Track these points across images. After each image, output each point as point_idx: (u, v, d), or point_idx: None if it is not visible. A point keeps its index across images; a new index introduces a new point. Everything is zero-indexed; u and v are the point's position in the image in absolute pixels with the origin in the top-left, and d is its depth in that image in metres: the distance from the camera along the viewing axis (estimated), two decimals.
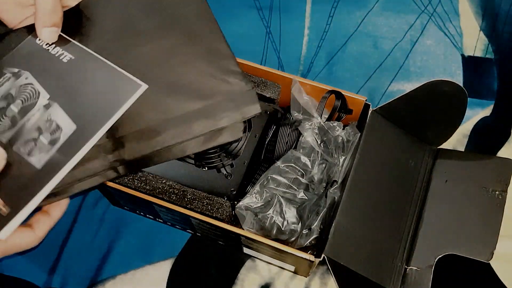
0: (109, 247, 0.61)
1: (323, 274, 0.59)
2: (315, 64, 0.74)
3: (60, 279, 0.59)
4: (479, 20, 0.77)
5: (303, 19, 0.77)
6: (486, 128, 0.69)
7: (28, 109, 0.38)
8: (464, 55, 0.74)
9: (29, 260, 0.60)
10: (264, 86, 0.59)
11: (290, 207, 0.52)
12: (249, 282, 0.59)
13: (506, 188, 0.53)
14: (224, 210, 0.52)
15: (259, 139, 0.57)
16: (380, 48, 0.75)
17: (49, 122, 0.37)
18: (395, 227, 0.54)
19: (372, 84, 0.72)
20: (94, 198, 0.64)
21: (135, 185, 0.52)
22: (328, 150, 0.56)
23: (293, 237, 0.52)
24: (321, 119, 0.56)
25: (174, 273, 0.59)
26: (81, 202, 0.64)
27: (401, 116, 0.56)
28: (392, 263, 0.53)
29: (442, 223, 0.55)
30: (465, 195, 0.55)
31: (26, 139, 0.37)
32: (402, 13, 0.77)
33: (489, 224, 0.52)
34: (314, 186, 0.55)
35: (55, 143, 0.36)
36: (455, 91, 0.53)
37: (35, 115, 0.38)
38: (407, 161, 0.58)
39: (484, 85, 0.72)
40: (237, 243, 0.55)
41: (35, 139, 0.37)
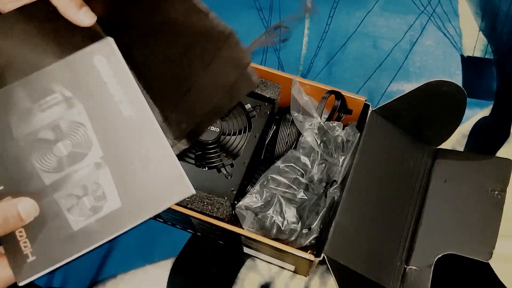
0: (110, 246, 0.61)
1: (323, 273, 0.59)
2: (315, 64, 0.74)
3: (61, 278, 0.59)
4: (478, 20, 0.77)
5: (303, 20, 0.77)
6: (485, 128, 0.69)
7: (77, 158, 0.36)
8: (463, 56, 0.74)
9: None
10: (264, 86, 0.59)
11: (290, 207, 0.53)
12: (249, 282, 0.59)
13: (505, 188, 0.54)
14: (224, 210, 0.52)
15: (259, 139, 0.57)
16: (379, 48, 0.75)
17: (96, 186, 0.36)
18: (394, 227, 0.55)
19: (371, 84, 0.72)
20: None
21: None
22: (328, 150, 0.56)
23: (293, 237, 0.53)
24: (321, 119, 0.56)
25: (175, 272, 0.59)
26: None
27: (400, 116, 0.56)
28: (391, 262, 0.53)
29: (442, 223, 0.55)
30: (464, 195, 0.55)
31: (69, 193, 0.35)
32: (402, 14, 0.78)
33: (488, 224, 0.52)
34: (314, 186, 0.55)
35: (97, 212, 0.35)
36: (454, 91, 0.53)
37: (84, 170, 0.36)
38: (407, 161, 0.58)
39: (484, 86, 0.72)
40: (237, 243, 0.55)
41: (78, 196, 0.36)
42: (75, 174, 0.36)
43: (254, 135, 0.57)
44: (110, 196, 0.36)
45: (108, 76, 0.37)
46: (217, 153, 0.56)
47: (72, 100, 0.37)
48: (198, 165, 0.55)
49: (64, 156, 0.36)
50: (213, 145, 0.56)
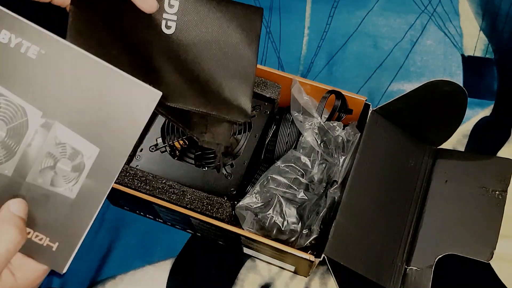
0: (109, 247, 0.61)
1: (323, 274, 0.59)
2: (315, 64, 0.74)
3: (60, 279, 0.59)
4: (479, 20, 0.77)
5: (303, 19, 0.77)
6: (486, 128, 0.69)
7: (20, 133, 0.31)
8: (464, 55, 0.74)
9: None
10: (264, 86, 0.59)
11: (290, 207, 0.52)
12: (249, 282, 0.59)
13: (506, 188, 0.53)
14: (224, 210, 0.52)
15: (259, 139, 0.57)
16: (380, 48, 0.75)
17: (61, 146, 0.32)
18: (395, 227, 0.54)
19: (372, 84, 0.72)
20: None
21: (135, 185, 0.52)
22: (328, 150, 0.56)
23: (293, 237, 0.52)
24: (321, 119, 0.56)
25: (174, 273, 0.59)
26: None
27: (401, 116, 0.56)
28: (392, 263, 0.53)
29: (442, 223, 0.55)
30: (465, 195, 0.55)
31: (40, 169, 0.32)
32: (402, 13, 0.77)
33: (489, 224, 0.52)
34: (314, 186, 0.55)
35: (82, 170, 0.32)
36: (455, 91, 0.53)
37: (35, 139, 0.32)
38: (407, 161, 0.58)
39: (484, 85, 0.72)
40: (237, 243, 0.55)
41: (51, 167, 0.32)
42: (30, 148, 0.32)
43: (254, 135, 0.57)
44: (82, 147, 0.32)
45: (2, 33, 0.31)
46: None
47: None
48: (198, 165, 0.55)
49: (4, 138, 0.32)
50: None
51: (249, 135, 0.57)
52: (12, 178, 0.32)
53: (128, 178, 0.52)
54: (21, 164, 0.32)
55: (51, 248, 0.32)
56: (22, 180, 0.32)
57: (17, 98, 0.31)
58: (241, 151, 0.56)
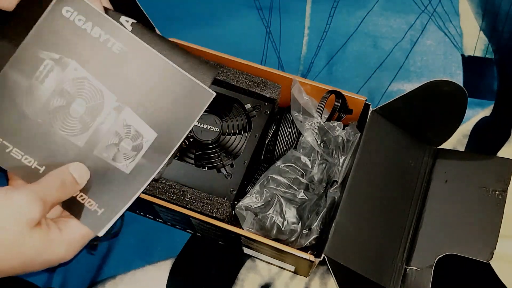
0: (110, 247, 0.61)
1: (323, 274, 0.59)
2: (315, 64, 0.74)
3: (60, 279, 0.59)
4: (479, 20, 0.77)
5: (303, 19, 0.77)
6: (486, 128, 0.69)
7: (96, 111, 0.37)
8: (464, 55, 0.74)
9: None
10: (264, 86, 0.59)
11: (290, 207, 0.52)
12: (249, 282, 0.59)
13: (506, 188, 0.53)
14: (224, 210, 0.52)
15: (259, 139, 0.57)
16: (380, 48, 0.75)
17: (126, 128, 0.37)
18: (395, 227, 0.54)
19: (372, 84, 0.72)
20: None
21: None
22: (328, 150, 0.56)
23: (293, 237, 0.52)
24: (321, 119, 0.56)
25: (174, 273, 0.59)
26: None
27: (401, 116, 0.56)
28: (392, 263, 0.53)
29: (442, 223, 0.55)
30: (465, 195, 0.55)
31: (106, 144, 0.37)
32: (402, 13, 0.77)
33: (489, 224, 0.52)
34: (314, 186, 0.55)
35: (140, 150, 0.37)
36: (455, 91, 0.53)
37: (108, 118, 0.37)
38: (407, 161, 0.58)
39: (484, 85, 0.72)
40: (237, 243, 0.55)
41: (116, 144, 0.37)
42: (102, 126, 0.37)
43: (254, 135, 0.57)
44: (144, 131, 0.37)
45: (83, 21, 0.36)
46: (217, 153, 0.56)
47: (63, 59, 0.37)
48: (198, 165, 0.55)
49: (83, 114, 0.37)
50: (213, 145, 0.56)
51: (249, 135, 0.57)
52: (83, 149, 0.37)
53: None
54: (92, 138, 0.37)
55: (96, 213, 0.36)
56: (90, 152, 0.37)
57: (98, 83, 0.36)
58: (241, 151, 0.56)
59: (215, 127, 0.56)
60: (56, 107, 0.37)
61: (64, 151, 0.37)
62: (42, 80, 0.36)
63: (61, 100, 0.37)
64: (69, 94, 0.37)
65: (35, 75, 0.36)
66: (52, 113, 0.37)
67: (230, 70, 0.59)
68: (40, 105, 0.36)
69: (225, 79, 0.59)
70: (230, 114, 0.58)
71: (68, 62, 0.37)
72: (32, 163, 0.36)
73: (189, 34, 0.75)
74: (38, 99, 0.36)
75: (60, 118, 0.37)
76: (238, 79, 0.59)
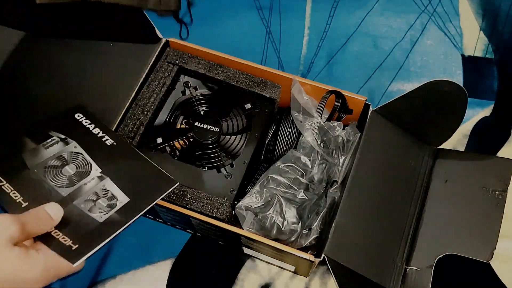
0: (109, 247, 0.61)
1: (323, 274, 0.59)
2: (315, 64, 0.74)
3: (60, 279, 0.59)
4: (479, 20, 0.77)
5: (303, 19, 0.77)
6: (486, 128, 0.69)
7: (83, 175, 0.47)
8: (464, 55, 0.74)
9: None
10: (264, 86, 0.59)
11: (290, 207, 0.52)
12: (249, 282, 0.59)
13: (506, 188, 0.53)
14: (224, 210, 0.52)
15: (259, 139, 0.57)
16: (380, 48, 0.75)
17: (105, 191, 0.46)
18: (395, 227, 0.54)
19: (372, 84, 0.72)
20: None
21: None
22: (328, 150, 0.56)
23: (293, 237, 0.52)
24: (321, 119, 0.56)
25: (174, 273, 0.59)
26: None
27: (401, 116, 0.56)
28: (392, 263, 0.53)
29: (442, 223, 0.55)
30: (465, 195, 0.55)
31: (85, 199, 0.45)
32: (402, 13, 0.77)
33: (489, 224, 0.52)
34: (314, 186, 0.55)
35: (113, 207, 0.45)
36: (455, 91, 0.53)
37: (91, 182, 0.47)
38: (407, 161, 0.58)
39: (484, 85, 0.72)
40: (237, 243, 0.55)
41: (94, 200, 0.46)
42: (85, 186, 0.47)
43: (254, 135, 0.57)
44: (118, 195, 0.46)
45: (88, 123, 0.52)
46: (217, 153, 0.56)
47: (67, 139, 0.50)
48: (198, 165, 0.55)
49: (72, 175, 0.47)
50: (213, 145, 0.56)
51: (249, 135, 0.57)
52: (65, 198, 0.45)
53: None
54: (75, 192, 0.46)
55: (71, 248, 0.41)
56: (70, 202, 0.45)
57: (89, 158, 0.49)
58: (241, 151, 0.56)
59: (215, 127, 0.56)
60: (52, 165, 0.47)
61: (48, 195, 0.45)
62: (47, 147, 0.49)
63: (57, 162, 0.48)
64: (65, 160, 0.48)
65: (42, 143, 0.49)
66: (47, 168, 0.47)
67: (230, 70, 0.59)
68: (39, 161, 0.47)
69: (225, 79, 0.59)
70: (230, 114, 0.58)
71: (70, 141, 0.50)
72: (18, 198, 0.44)
73: (189, 34, 0.75)
74: (39, 158, 0.47)
75: (52, 173, 0.47)
76: (238, 79, 0.59)
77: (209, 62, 0.60)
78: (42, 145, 0.49)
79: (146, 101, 0.57)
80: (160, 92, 0.57)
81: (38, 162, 0.47)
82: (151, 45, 0.60)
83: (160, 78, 0.58)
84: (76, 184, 0.46)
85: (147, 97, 0.57)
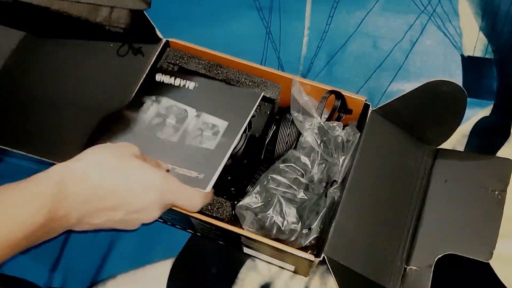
0: (110, 246, 0.61)
1: (323, 273, 0.59)
2: (315, 64, 0.74)
3: (60, 278, 0.59)
4: (478, 20, 0.77)
5: (303, 19, 0.77)
6: (486, 128, 0.69)
7: (183, 120, 0.54)
8: (463, 55, 0.74)
9: (30, 259, 0.60)
10: (264, 86, 0.59)
11: (290, 207, 0.52)
12: (249, 282, 0.59)
13: (505, 188, 0.54)
14: (224, 210, 0.52)
15: (259, 139, 0.57)
16: (379, 48, 0.75)
17: (205, 124, 0.53)
18: (395, 227, 0.54)
19: (372, 84, 0.72)
20: None
21: None
22: (328, 150, 0.56)
23: (293, 237, 0.52)
24: (321, 119, 0.56)
25: (174, 272, 0.59)
26: None
27: (401, 116, 0.56)
28: (392, 262, 0.53)
29: (442, 223, 0.55)
30: (464, 195, 0.55)
31: (193, 136, 0.52)
32: (402, 13, 0.77)
33: (488, 224, 0.52)
34: (314, 186, 0.55)
35: (218, 133, 0.52)
36: (454, 91, 0.53)
37: (191, 122, 0.54)
38: (407, 161, 0.58)
39: (484, 85, 0.72)
40: (237, 243, 0.55)
41: (200, 134, 0.52)
42: (188, 127, 0.53)
43: (254, 135, 0.57)
44: (218, 123, 0.53)
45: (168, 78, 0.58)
46: None
47: (158, 98, 0.56)
48: None
49: (174, 124, 0.54)
50: None
51: (249, 135, 0.57)
52: (177, 142, 0.52)
53: None
54: (183, 135, 0.53)
55: (197, 178, 0.48)
56: (183, 143, 0.52)
57: (182, 105, 0.55)
58: (241, 151, 0.56)
59: None
60: (156, 123, 0.54)
61: (163, 146, 0.52)
62: (145, 111, 0.55)
63: (159, 119, 0.54)
64: (164, 115, 0.55)
65: (141, 109, 0.55)
66: (154, 127, 0.54)
67: (230, 70, 0.59)
68: (145, 125, 0.54)
69: (225, 79, 0.59)
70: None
71: (161, 99, 0.56)
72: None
73: (189, 34, 0.75)
74: (145, 122, 0.54)
75: (159, 128, 0.53)
76: (238, 79, 0.59)
77: (209, 62, 0.60)
78: (141, 111, 0.55)
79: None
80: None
81: (146, 125, 0.54)
82: (151, 45, 0.60)
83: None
84: (180, 129, 0.53)
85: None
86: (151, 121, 0.54)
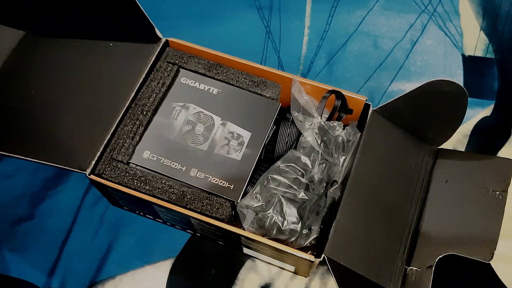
0: (109, 247, 0.61)
1: (323, 274, 0.59)
2: (315, 64, 0.74)
3: (59, 279, 0.59)
4: (479, 19, 0.77)
5: (303, 19, 0.77)
6: (487, 128, 0.69)
7: (210, 128, 0.56)
8: (464, 55, 0.74)
9: (29, 260, 0.60)
10: (264, 86, 0.59)
11: (290, 206, 0.52)
12: (249, 282, 0.59)
13: (506, 188, 0.53)
14: (224, 210, 0.52)
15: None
16: (380, 48, 0.75)
17: (231, 133, 0.55)
18: (395, 227, 0.54)
19: (372, 84, 0.72)
20: (94, 198, 0.64)
21: (134, 185, 0.52)
22: (328, 150, 0.56)
23: (293, 237, 0.52)
24: (321, 119, 0.56)
25: (174, 273, 0.59)
26: (80, 202, 0.63)
27: (401, 116, 0.56)
28: (392, 263, 0.53)
29: (442, 223, 0.54)
30: (465, 195, 0.55)
31: (221, 145, 0.55)
32: (402, 13, 0.77)
33: (489, 224, 0.52)
34: (314, 186, 0.55)
35: (243, 144, 0.55)
36: (455, 91, 0.53)
37: (218, 130, 0.55)
38: (407, 161, 0.57)
39: (485, 85, 0.72)
40: (237, 243, 0.55)
41: (227, 144, 0.55)
42: (215, 136, 0.55)
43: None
44: (242, 133, 0.55)
45: (193, 83, 0.59)
46: None
47: (186, 104, 0.57)
48: None
49: (202, 131, 0.55)
50: None
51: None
52: (207, 151, 0.54)
53: (127, 178, 0.52)
54: (211, 144, 0.55)
55: (229, 188, 0.52)
56: (212, 152, 0.54)
57: (208, 113, 0.57)
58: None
59: None
60: (186, 131, 0.56)
61: (195, 155, 0.54)
62: (175, 118, 0.56)
63: (189, 126, 0.56)
64: (193, 122, 0.56)
65: (171, 116, 0.56)
66: (184, 135, 0.55)
67: (230, 70, 0.59)
68: (176, 131, 0.55)
69: (225, 79, 0.59)
70: None
71: (189, 105, 0.57)
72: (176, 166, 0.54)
73: (189, 34, 0.75)
74: (175, 129, 0.56)
75: (190, 136, 0.55)
76: (238, 79, 0.59)
77: (209, 62, 0.60)
78: (172, 118, 0.56)
79: (145, 101, 0.57)
80: (160, 92, 0.57)
81: (176, 132, 0.55)
82: (151, 45, 0.60)
83: (159, 78, 0.58)
84: (209, 138, 0.55)
85: (146, 97, 0.57)
86: (181, 129, 0.56)
